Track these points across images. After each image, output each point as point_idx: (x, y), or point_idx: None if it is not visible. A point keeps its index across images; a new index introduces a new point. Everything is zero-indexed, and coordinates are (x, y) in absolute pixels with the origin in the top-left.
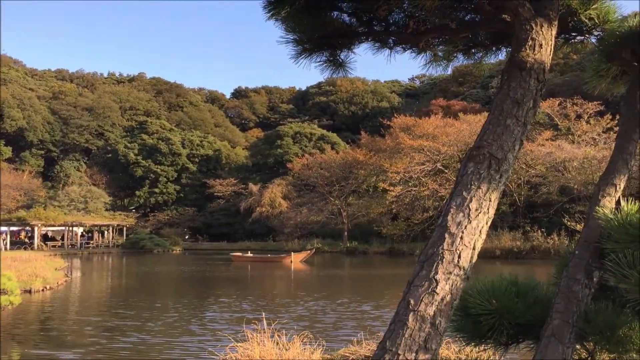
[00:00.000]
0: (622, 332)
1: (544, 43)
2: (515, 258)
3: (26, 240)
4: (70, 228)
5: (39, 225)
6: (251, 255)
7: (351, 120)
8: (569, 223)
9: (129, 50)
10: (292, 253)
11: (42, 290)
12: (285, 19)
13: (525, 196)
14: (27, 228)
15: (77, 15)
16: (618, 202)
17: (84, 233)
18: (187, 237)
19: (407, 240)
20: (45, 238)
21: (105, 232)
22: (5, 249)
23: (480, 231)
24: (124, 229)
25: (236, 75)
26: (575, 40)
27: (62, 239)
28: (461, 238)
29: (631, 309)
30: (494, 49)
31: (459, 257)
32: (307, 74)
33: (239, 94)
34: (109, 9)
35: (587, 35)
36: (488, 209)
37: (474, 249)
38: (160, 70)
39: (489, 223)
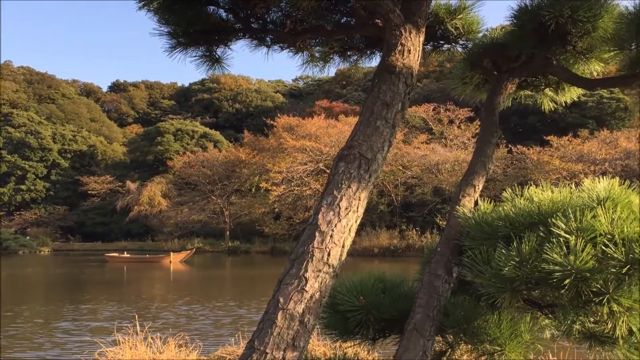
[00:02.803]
0: (477, 324)
1: (412, 49)
2: (392, 256)
3: None
4: None
5: None
6: (128, 255)
7: (235, 118)
8: (441, 222)
9: None
10: (172, 253)
11: None
12: (158, 10)
13: (402, 196)
14: None
15: None
16: (477, 202)
17: None
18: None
19: (289, 239)
20: None
21: None
22: None
23: (349, 229)
24: None
25: (114, 68)
26: (443, 48)
27: None
28: (331, 236)
29: (485, 302)
30: (368, 52)
31: (329, 255)
32: (191, 70)
33: (117, 87)
34: None
35: (453, 44)
36: (357, 208)
37: (343, 246)
38: (30, 59)
39: (359, 221)
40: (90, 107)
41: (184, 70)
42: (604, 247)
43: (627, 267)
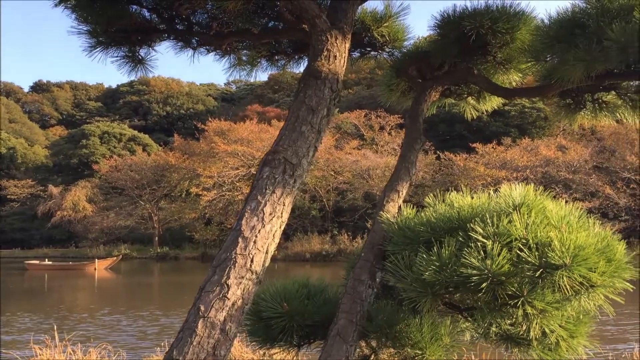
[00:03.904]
0: (399, 329)
1: (338, 55)
2: (324, 260)
3: None
4: None
5: None
6: (49, 263)
7: (165, 122)
8: (371, 227)
9: None
10: (97, 260)
11: None
12: (76, 7)
13: (334, 201)
14: None
15: None
16: (401, 208)
17: None
18: None
19: (220, 244)
20: None
21: None
22: None
23: (273, 235)
24: None
25: (36, 67)
26: (370, 55)
27: None
28: (254, 242)
29: (407, 307)
30: (296, 57)
31: (252, 261)
32: (118, 71)
33: (39, 87)
34: None
35: (380, 51)
36: (282, 213)
37: (267, 252)
38: None
39: (283, 227)
40: (9, 108)
41: (112, 71)
42: (519, 252)
43: (541, 270)
